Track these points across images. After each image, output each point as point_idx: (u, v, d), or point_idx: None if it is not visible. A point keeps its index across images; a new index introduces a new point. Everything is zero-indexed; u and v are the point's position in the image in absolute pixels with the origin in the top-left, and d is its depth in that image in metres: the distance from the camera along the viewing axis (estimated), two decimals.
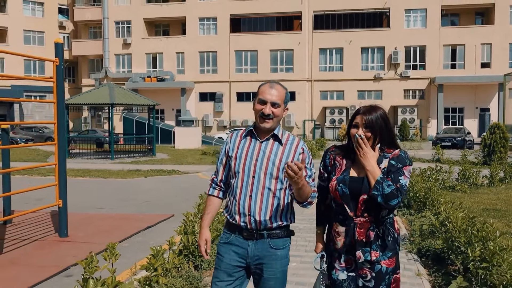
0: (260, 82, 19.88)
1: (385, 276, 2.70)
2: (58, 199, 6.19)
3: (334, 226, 2.75)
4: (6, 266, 5.11)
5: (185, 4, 42.13)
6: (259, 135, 2.76)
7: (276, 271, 2.71)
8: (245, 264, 2.73)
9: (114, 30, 43.93)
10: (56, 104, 6.03)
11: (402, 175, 2.59)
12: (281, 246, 2.72)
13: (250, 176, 2.71)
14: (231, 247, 2.75)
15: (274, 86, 2.72)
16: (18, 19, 45.80)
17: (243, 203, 2.70)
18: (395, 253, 2.72)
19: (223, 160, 2.85)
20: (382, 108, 2.71)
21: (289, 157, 2.71)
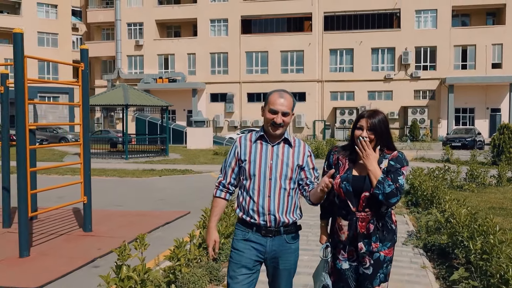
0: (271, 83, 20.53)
1: (383, 264, 2.93)
2: (83, 196, 6.57)
3: (338, 220, 2.98)
4: (38, 258, 5.49)
5: (197, 5, 42.58)
6: (270, 140, 2.95)
7: (291, 263, 2.97)
8: (263, 259, 2.95)
9: (126, 31, 44.48)
10: (82, 106, 6.41)
11: (401, 175, 2.85)
12: (294, 240, 2.99)
13: (267, 178, 2.91)
14: (250, 244, 2.94)
15: (283, 96, 2.93)
16: (32, 21, 46.55)
17: (262, 203, 2.90)
18: (393, 243, 2.96)
19: (232, 163, 3.03)
20: (383, 113, 2.96)
21: (299, 159, 2.97)
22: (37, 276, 4.82)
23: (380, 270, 2.95)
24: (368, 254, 2.91)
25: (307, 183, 2.98)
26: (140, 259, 3.83)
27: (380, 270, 2.95)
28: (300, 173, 2.99)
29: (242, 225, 3.00)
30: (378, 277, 2.96)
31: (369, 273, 2.95)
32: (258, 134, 3.01)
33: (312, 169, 3.02)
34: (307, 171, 3.00)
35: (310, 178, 3.00)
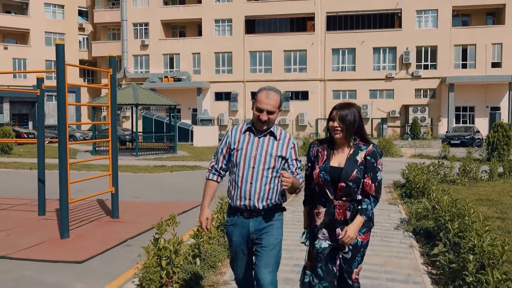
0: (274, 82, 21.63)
1: (360, 248, 3.20)
2: (111, 186, 7.40)
3: (317, 207, 3.25)
4: (76, 239, 6.32)
5: (201, 6, 43.35)
6: (257, 132, 3.24)
7: (272, 238, 3.22)
8: (249, 239, 3.26)
9: (132, 31, 45.29)
10: (110, 107, 7.22)
11: (378, 170, 3.14)
12: (276, 218, 3.26)
13: (251, 167, 3.19)
14: (236, 228, 3.27)
15: (270, 95, 3.18)
16: (39, 21, 47.37)
17: (245, 189, 3.18)
18: (369, 229, 3.22)
19: (224, 150, 3.32)
20: (356, 106, 3.21)
21: (283, 151, 3.23)
22: (79, 253, 5.64)
23: (358, 254, 3.21)
24: None
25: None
26: (172, 234, 4.64)
27: (358, 254, 3.21)
28: (284, 164, 3.25)
29: (229, 211, 3.35)
30: (356, 260, 3.22)
31: (348, 257, 3.20)
32: (247, 126, 3.30)
33: (294, 160, 3.28)
34: (290, 162, 3.26)
35: (292, 169, 3.26)
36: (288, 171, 3.21)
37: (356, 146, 3.18)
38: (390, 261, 5.35)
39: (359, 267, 3.26)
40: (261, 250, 3.22)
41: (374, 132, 39.95)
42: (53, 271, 5.12)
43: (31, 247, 5.94)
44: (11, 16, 47.43)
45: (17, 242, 6.15)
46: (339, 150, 3.20)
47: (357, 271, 3.26)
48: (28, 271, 5.12)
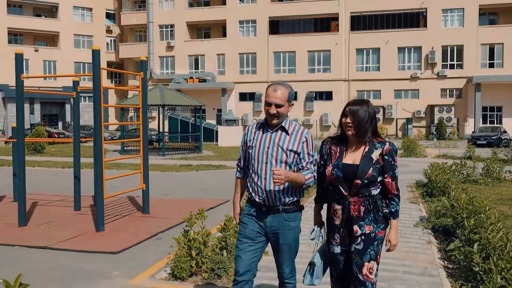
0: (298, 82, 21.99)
1: (374, 241, 3.08)
2: (142, 183, 7.80)
3: (332, 206, 3.20)
4: (111, 232, 6.73)
5: (226, 7, 43.86)
6: (269, 127, 3.26)
7: (289, 238, 3.25)
8: (264, 233, 3.28)
9: (158, 33, 46.10)
10: (142, 108, 7.63)
11: (395, 168, 3.13)
12: (293, 218, 3.26)
13: (264, 162, 3.21)
14: (253, 218, 3.28)
15: (278, 89, 3.19)
16: (68, 24, 48.65)
17: (260, 184, 3.21)
18: (386, 226, 3.17)
19: (243, 148, 3.42)
20: (367, 103, 3.15)
21: (295, 145, 3.20)
22: (114, 245, 6.04)
23: (371, 247, 3.09)
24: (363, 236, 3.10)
25: (299, 168, 3.23)
26: (201, 227, 4.99)
27: (370, 246, 3.09)
28: (296, 158, 3.23)
29: (248, 203, 3.36)
30: (368, 253, 3.09)
31: (359, 248, 3.09)
32: (261, 123, 3.34)
33: (307, 154, 3.24)
34: (301, 156, 3.24)
35: (302, 163, 3.23)
36: (299, 165, 3.22)
37: (370, 143, 3.13)
38: (408, 255, 5.58)
39: (372, 264, 3.09)
40: (282, 249, 3.27)
41: (399, 132, 39.73)
42: (90, 260, 5.52)
43: (69, 239, 6.37)
44: (42, 19, 48.83)
45: (56, 234, 6.59)
46: (352, 147, 3.16)
47: (369, 267, 3.10)
48: (67, 260, 5.54)
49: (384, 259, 5.28)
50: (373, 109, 3.16)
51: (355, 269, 3.11)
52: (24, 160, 7.23)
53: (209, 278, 4.72)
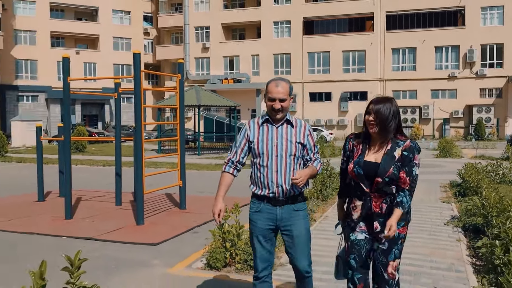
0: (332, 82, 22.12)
1: (398, 240, 3.14)
2: (179, 180, 8.17)
3: (353, 201, 3.24)
4: (150, 226, 7.12)
5: (260, 8, 44.20)
6: (274, 122, 3.34)
7: (302, 228, 3.32)
8: (274, 227, 3.32)
9: (194, 35, 46.87)
10: (179, 108, 8.00)
11: (414, 166, 3.08)
12: (302, 208, 3.36)
13: (274, 155, 3.26)
14: (262, 215, 3.30)
15: (280, 84, 3.31)
16: (108, 27, 50.04)
17: (271, 177, 3.25)
18: (407, 223, 3.19)
19: (242, 144, 3.38)
20: (391, 101, 3.16)
21: (300, 137, 3.32)
22: (154, 237, 6.41)
23: (395, 246, 3.15)
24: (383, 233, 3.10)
25: (307, 159, 3.38)
26: (235, 220, 5.28)
27: (395, 246, 3.15)
28: (303, 150, 3.35)
29: (255, 199, 3.37)
30: (393, 253, 3.15)
31: (384, 248, 3.15)
32: (264, 118, 3.40)
33: (313, 145, 3.39)
34: (308, 148, 3.37)
35: (310, 155, 3.38)
36: (307, 157, 3.36)
37: (393, 141, 3.13)
38: (436, 252, 5.70)
39: (396, 262, 3.17)
40: (295, 241, 3.31)
41: (436, 133, 39.09)
42: (132, 251, 5.90)
43: (112, 231, 6.79)
44: (82, 23, 50.42)
45: (99, 227, 7.02)
46: (375, 144, 3.16)
47: (394, 266, 3.17)
48: (111, 250, 5.93)
49: (412, 255, 5.46)
50: (397, 106, 3.16)
51: (380, 268, 3.16)
52: (70, 157, 7.71)
53: (242, 268, 5.00)
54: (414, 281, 4.68)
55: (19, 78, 46.75)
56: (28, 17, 46.75)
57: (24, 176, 14.36)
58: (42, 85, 46.82)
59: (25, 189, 11.31)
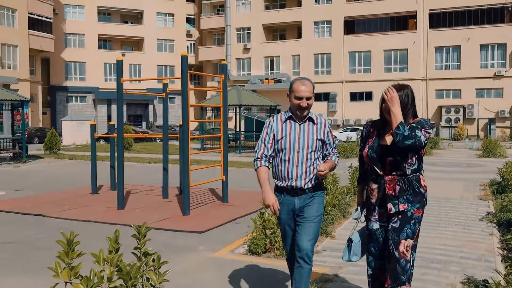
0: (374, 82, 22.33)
1: (410, 220, 3.20)
2: (222, 175, 8.67)
3: (369, 185, 3.39)
4: (195, 216, 7.64)
5: (301, 9, 44.43)
6: (297, 119, 3.53)
7: (313, 210, 3.51)
8: (294, 215, 3.56)
9: (235, 36, 47.61)
10: (222, 107, 8.49)
11: (420, 130, 3.13)
12: (317, 195, 3.56)
13: (296, 151, 3.48)
14: (283, 207, 3.55)
15: (305, 83, 3.49)
16: (152, 30, 51.52)
17: (292, 171, 3.49)
18: (422, 206, 3.25)
19: (270, 139, 3.56)
20: (407, 88, 3.30)
21: (321, 134, 3.55)
22: (199, 225, 6.92)
23: (407, 225, 3.22)
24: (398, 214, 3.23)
25: (325, 154, 3.62)
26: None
27: (407, 224, 3.22)
28: (322, 146, 3.59)
29: (277, 192, 3.61)
30: (405, 231, 3.21)
31: (396, 226, 3.22)
32: (287, 115, 3.57)
33: (332, 141, 3.63)
34: (328, 144, 3.61)
35: (329, 150, 3.63)
36: (325, 152, 3.60)
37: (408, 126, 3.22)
38: (467, 244, 5.92)
39: (408, 242, 3.22)
40: (303, 221, 3.49)
41: (481, 133, 38.19)
42: (181, 238, 6.42)
43: (160, 220, 7.34)
44: (128, 25, 52.15)
45: (149, 217, 7.59)
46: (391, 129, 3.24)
47: (406, 245, 3.22)
48: (160, 237, 6.46)
49: (443, 246, 5.72)
50: (413, 94, 3.31)
51: (391, 246, 3.24)
52: (122, 153, 8.34)
53: (281, 254, 5.40)
54: (443, 268, 4.95)
55: (69, 79, 48.85)
56: (77, 21, 48.78)
57: (77, 171, 15.27)
58: (90, 86, 48.75)
59: (79, 183, 12.12)
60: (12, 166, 16.91)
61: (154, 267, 2.92)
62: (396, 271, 3.22)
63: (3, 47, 37.70)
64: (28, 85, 39.49)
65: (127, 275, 2.61)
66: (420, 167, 3.32)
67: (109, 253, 2.65)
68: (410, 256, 3.25)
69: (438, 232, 6.57)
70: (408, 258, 3.24)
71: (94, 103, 49.37)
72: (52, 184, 12.20)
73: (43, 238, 6.45)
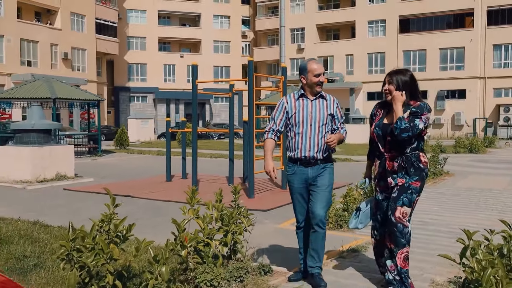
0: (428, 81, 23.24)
1: (407, 190, 3.55)
2: (282, 164, 9.79)
3: (375, 161, 3.82)
4: (258, 199, 8.84)
5: (355, 9, 44.83)
6: (309, 96, 3.94)
7: (325, 180, 3.93)
8: (307, 185, 3.96)
9: (289, 37, 48.62)
10: None
11: (419, 118, 3.49)
12: (328, 166, 3.99)
13: (308, 124, 3.88)
14: (296, 176, 3.96)
15: (317, 62, 3.94)
16: (209, 32, 53.40)
17: (305, 143, 3.88)
18: (421, 179, 3.58)
19: (281, 115, 3.97)
20: (405, 72, 3.65)
21: (331, 109, 3.94)
22: (263, 205, 8.11)
23: (404, 194, 3.56)
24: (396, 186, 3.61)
25: (334, 128, 4.02)
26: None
27: (404, 194, 3.56)
28: (332, 120, 3.98)
29: (290, 162, 4.03)
30: (401, 199, 3.56)
31: (394, 195, 3.60)
32: (299, 93, 3.99)
33: (340, 117, 4.02)
34: (336, 118, 4.01)
35: (337, 124, 4.02)
36: (334, 126, 4.00)
37: (406, 107, 3.60)
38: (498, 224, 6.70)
39: (404, 209, 3.56)
40: (317, 190, 3.88)
41: None
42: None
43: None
44: (186, 28, 54.33)
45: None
46: (392, 110, 3.65)
47: (402, 211, 3.58)
48: None
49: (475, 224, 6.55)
50: (410, 77, 3.64)
51: (389, 212, 3.63)
52: (196, 144, 9.69)
53: (333, 227, 6.45)
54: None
55: (131, 80, 51.61)
56: (139, 25, 51.44)
57: (146, 164, 16.89)
58: (150, 86, 51.28)
59: (151, 173, 13.62)
60: (89, 159, 18.82)
61: (244, 215, 4.08)
62: (396, 235, 3.60)
63: (73, 50, 40.61)
64: (95, 86, 42.28)
65: (229, 215, 3.81)
66: (420, 145, 3.64)
67: (215, 202, 3.86)
68: (407, 222, 3.61)
69: (473, 214, 7.37)
70: (406, 224, 3.60)
71: (154, 103, 51.78)
72: (129, 173, 13.78)
73: (137, 212, 7.81)
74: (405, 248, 3.62)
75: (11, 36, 34.66)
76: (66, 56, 39.36)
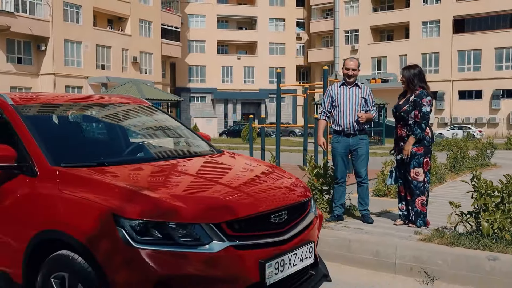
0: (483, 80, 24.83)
1: (414, 156, 4.73)
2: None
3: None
4: None
5: (409, 10, 45.35)
6: (348, 85, 5.21)
7: (364, 150, 5.18)
8: (348, 150, 5.19)
9: (343, 38, 49.56)
10: None
11: (423, 105, 4.64)
12: (365, 138, 5.23)
13: (347, 105, 5.14)
14: (340, 144, 5.18)
15: (352, 60, 5.25)
16: (264, 34, 55.12)
17: (345, 119, 5.13)
18: (423, 145, 4.72)
19: (328, 99, 5.29)
20: (414, 67, 4.82)
21: (365, 94, 5.16)
22: None
23: (412, 160, 4.75)
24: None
25: (366, 110, 5.19)
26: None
27: (412, 160, 4.76)
28: (365, 103, 5.18)
29: (335, 133, 5.25)
30: (412, 164, 4.77)
31: (407, 161, 4.81)
32: (341, 83, 5.26)
33: (371, 101, 5.21)
34: (367, 101, 5.20)
35: (370, 106, 5.23)
36: (366, 108, 5.21)
37: (415, 93, 4.82)
38: None
39: (416, 170, 4.77)
40: (359, 156, 5.16)
41: None
42: None
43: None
44: (243, 31, 56.47)
45: None
46: (407, 96, 4.91)
47: (415, 172, 4.78)
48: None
49: None
50: (418, 70, 4.83)
51: (406, 174, 4.91)
52: (279, 138, 11.64)
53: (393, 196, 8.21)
54: None
55: (191, 81, 54.32)
56: (199, 29, 54.10)
57: None
58: (209, 87, 53.84)
59: None
60: None
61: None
62: (412, 188, 4.88)
63: (141, 54, 43.73)
64: (160, 87, 45.25)
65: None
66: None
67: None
68: (422, 178, 4.82)
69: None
70: (420, 180, 4.83)
71: (213, 103, 54.19)
72: None
73: None
74: (420, 197, 4.86)
75: (88, 42, 38.10)
76: (135, 60, 42.49)
